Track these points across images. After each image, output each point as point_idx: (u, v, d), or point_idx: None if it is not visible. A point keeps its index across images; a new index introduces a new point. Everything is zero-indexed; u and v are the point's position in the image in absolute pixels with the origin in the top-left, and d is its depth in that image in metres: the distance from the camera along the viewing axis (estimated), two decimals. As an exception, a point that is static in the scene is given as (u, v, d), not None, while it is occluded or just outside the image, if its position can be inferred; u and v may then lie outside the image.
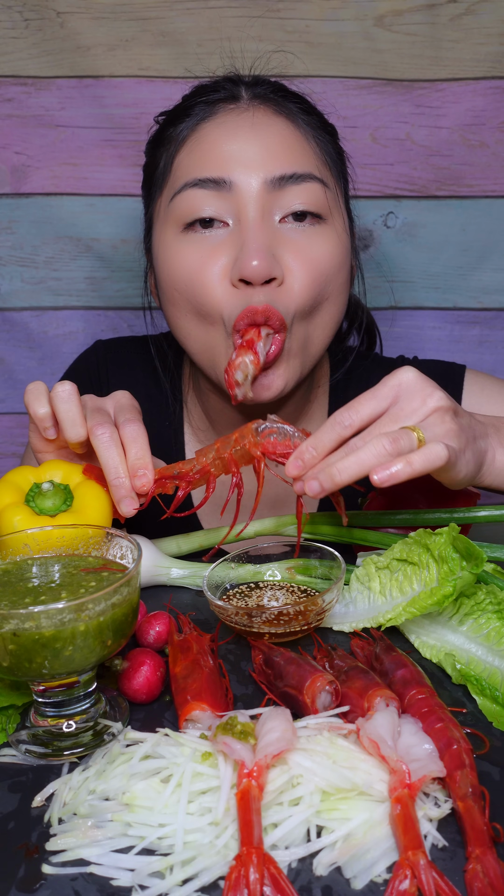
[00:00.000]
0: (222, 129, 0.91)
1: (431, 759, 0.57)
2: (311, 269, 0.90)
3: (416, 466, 0.69)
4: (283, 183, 0.89)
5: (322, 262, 0.91)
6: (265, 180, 0.89)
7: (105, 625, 0.61)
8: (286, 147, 0.91)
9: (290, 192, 0.90)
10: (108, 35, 1.21)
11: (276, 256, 0.89)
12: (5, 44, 1.21)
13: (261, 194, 0.89)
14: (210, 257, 0.89)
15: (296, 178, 0.89)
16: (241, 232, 0.89)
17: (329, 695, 0.65)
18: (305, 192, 0.90)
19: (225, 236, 0.90)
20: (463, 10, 1.20)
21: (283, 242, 0.90)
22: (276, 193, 0.89)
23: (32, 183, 1.29)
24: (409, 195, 1.31)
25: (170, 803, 0.55)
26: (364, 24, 1.21)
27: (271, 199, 0.89)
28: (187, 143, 0.93)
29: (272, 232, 0.90)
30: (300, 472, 0.74)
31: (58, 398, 0.83)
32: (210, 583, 0.81)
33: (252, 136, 0.90)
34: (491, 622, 0.73)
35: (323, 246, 0.92)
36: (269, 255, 0.87)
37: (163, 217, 0.95)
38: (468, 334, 1.39)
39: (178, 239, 0.92)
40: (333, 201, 0.94)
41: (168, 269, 0.93)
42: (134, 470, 0.81)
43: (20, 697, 0.69)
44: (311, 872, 0.52)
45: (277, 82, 0.99)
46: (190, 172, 0.91)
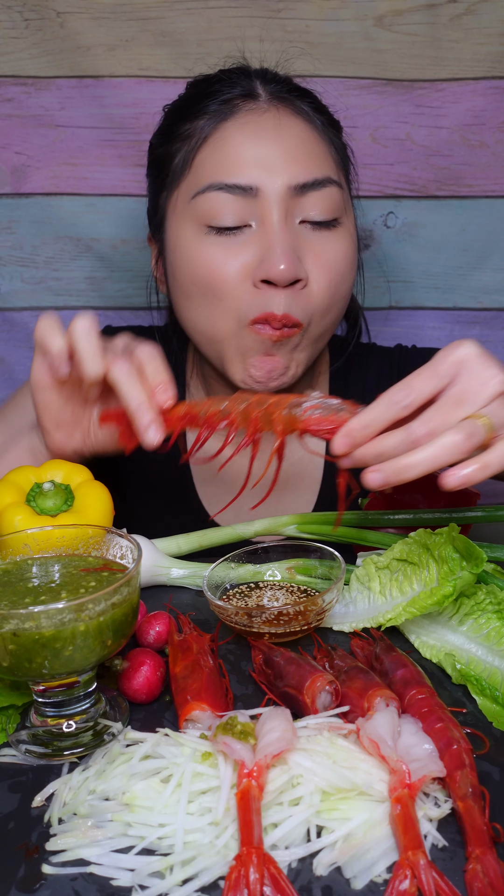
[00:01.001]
0: (246, 131, 0.92)
1: (431, 759, 0.57)
2: (329, 272, 0.93)
3: (492, 468, 0.64)
4: (306, 189, 0.91)
5: (339, 264, 0.94)
6: (289, 186, 0.90)
7: (105, 625, 0.61)
8: (307, 151, 0.92)
9: (312, 198, 0.92)
10: (108, 35, 1.21)
11: (300, 257, 0.91)
12: (5, 44, 1.21)
13: (284, 199, 0.91)
14: (231, 257, 0.91)
15: (317, 185, 0.92)
16: (266, 234, 0.90)
17: (329, 695, 0.65)
18: (325, 196, 0.92)
19: (248, 236, 0.92)
20: (463, 10, 1.20)
21: (304, 245, 0.92)
22: (298, 198, 0.91)
23: (32, 183, 1.28)
24: (409, 195, 1.31)
25: (170, 803, 0.55)
26: (364, 24, 1.21)
27: (293, 203, 0.92)
28: (209, 141, 0.93)
29: (295, 234, 0.92)
30: (348, 450, 0.69)
31: (77, 332, 0.78)
32: (210, 583, 0.81)
33: (276, 139, 0.92)
34: (491, 622, 0.73)
35: (339, 248, 0.94)
36: (294, 258, 0.89)
37: (181, 211, 0.95)
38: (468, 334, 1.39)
39: (200, 237, 0.93)
40: (347, 201, 0.97)
41: (187, 265, 0.94)
42: (153, 386, 0.76)
43: (20, 697, 0.69)
44: (311, 872, 0.52)
45: (287, 77, 1.00)
46: (214, 174, 0.92)
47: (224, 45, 1.20)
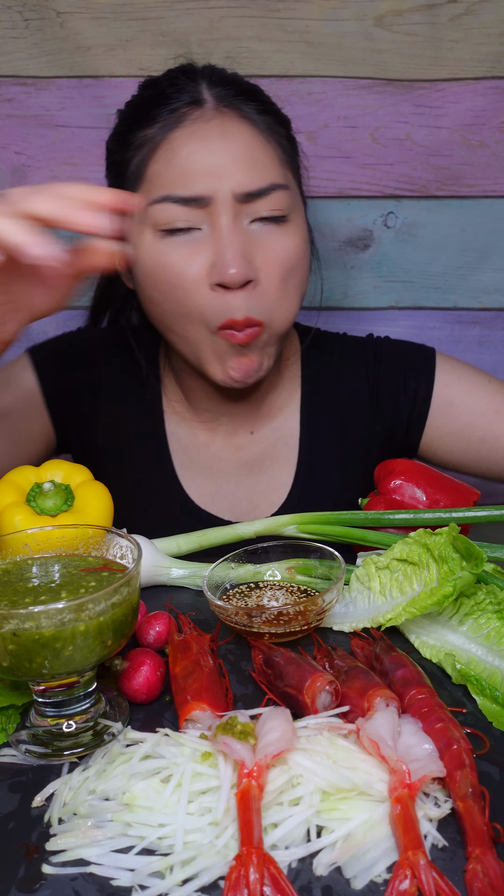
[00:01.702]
0: (194, 140, 0.95)
1: (431, 759, 0.57)
2: (281, 268, 0.97)
3: None
4: (252, 197, 0.94)
5: (290, 259, 0.98)
6: (235, 194, 0.94)
7: (105, 625, 0.61)
8: (252, 158, 0.95)
9: (258, 203, 0.95)
10: (108, 35, 1.21)
11: (249, 258, 0.95)
12: (5, 44, 1.21)
13: (233, 204, 0.94)
14: (189, 261, 0.95)
15: (262, 193, 0.95)
16: (217, 238, 0.94)
17: (329, 695, 0.65)
18: (272, 200, 0.96)
19: (202, 239, 0.95)
20: (463, 10, 1.20)
21: (254, 244, 0.96)
22: (245, 204, 0.95)
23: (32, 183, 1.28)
24: (409, 195, 1.31)
25: (170, 803, 0.56)
26: (364, 24, 1.21)
27: (241, 208, 0.95)
28: (159, 151, 0.96)
29: (245, 236, 0.95)
30: None
31: None
32: (210, 583, 0.81)
33: (222, 147, 0.94)
34: (491, 622, 0.73)
35: (288, 243, 0.98)
36: (244, 261, 0.93)
37: (139, 217, 0.98)
38: (468, 334, 1.39)
39: (157, 243, 0.96)
40: (295, 198, 1.00)
41: (148, 271, 0.98)
42: None
43: (20, 697, 0.69)
44: (311, 872, 0.52)
45: (233, 77, 1.01)
46: (166, 186, 0.95)
47: (224, 45, 1.20)
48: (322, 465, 1.13)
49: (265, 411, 1.14)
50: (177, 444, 1.16)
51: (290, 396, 1.16)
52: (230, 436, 1.14)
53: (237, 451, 1.15)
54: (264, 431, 1.15)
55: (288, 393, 1.16)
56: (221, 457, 1.15)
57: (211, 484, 1.14)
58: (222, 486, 1.14)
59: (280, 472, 1.14)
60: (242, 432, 1.15)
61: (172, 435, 1.16)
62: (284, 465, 1.14)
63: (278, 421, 1.15)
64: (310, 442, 1.14)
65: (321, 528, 0.89)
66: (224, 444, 1.15)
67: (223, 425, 1.14)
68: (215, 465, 1.15)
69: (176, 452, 1.15)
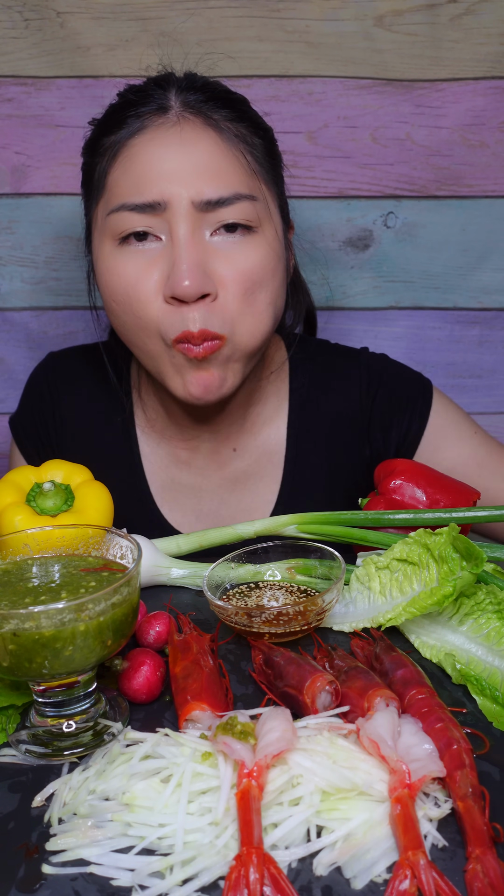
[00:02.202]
0: (152, 146, 0.92)
1: (431, 759, 0.57)
2: (243, 280, 0.93)
3: None
4: (212, 206, 0.91)
5: (254, 272, 0.93)
6: (194, 201, 0.90)
7: (105, 625, 0.61)
8: (214, 166, 0.91)
9: (220, 213, 0.92)
10: (108, 35, 1.21)
11: (209, 271, 0.91)
12: (5, 44, 1.21)
13: (190, 213, 0.91)
14: (145, 272, 0.92)
15: (223, 202, 0.91)
16: (173, 249, 0.91)
17: (329, 695, 0.65)
18: (233, 211, 0.92)
19: (160, 250, 0.92)
20: (463, 10, 1.20)
21: (214, 255, 0.92)
22: (206, 213, 0.91)
23: (32, 183, 1.28)
24: (409, 195, 1.31)
25: (170, 803, 0.56)
26: (364, 24, 1.21)
27: (201, 217, 0.91)
28: (120, 157, 0.94)
29: (203, 247, 0.92)
30: None
31: None
32: (210, 583, 0.81)
33: (181, 153, 0.91)
34: (491, 622, 0.73)
35: (253, 255, 0.93)
36: (199, 273, 0.89)
37: (100, 228, 0.97)
38: (468, 334, 1.39)
39: (115, 253, 0.94)
40: (263, 211, 0.95)
41: (106, 281, 0.96)
42: None
43: (20, 697, 0.69)
44: (311, 872, 0.52)
45: (210, 83, 0.99)
46: (125, 194, 0.92)
47: (224, 45, 1.20)
48: (307, 484, 1.11)
49: (248, 426, 1.12)
50: (156, 465, 1.13)
51: (275, 410, 1.13)
52: (212, 453, 1.12)
53: (220, 468, 1.12)
54: (248, 448, 1.12)
55: (273, 406, 1.13)
56: (204, 475, 1.12)
57: (194, 503, 1.12)
58: (205, 506, 1.12)
59: (264, 489, 1.12)
60: (225, 450, 1.12)
61: (151, 456, 1.13)
62: (269, 482, 1.12)
63: (263, 436, 1.13)
64: (295, 459, 1.12)
65: (321, 528, 0.89)
66: (206, 461, 1.12)
67: (205, 442, 1.11)
68: (197, 483, 1.12)
69: (154, 475, 1.13)
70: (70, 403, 1.16)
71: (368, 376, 1.14)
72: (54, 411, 1.17)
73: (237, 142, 0.94)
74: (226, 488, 1.12)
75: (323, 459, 1.11)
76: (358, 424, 1.13)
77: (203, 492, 1.12)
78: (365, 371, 1.14)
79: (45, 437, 1.17)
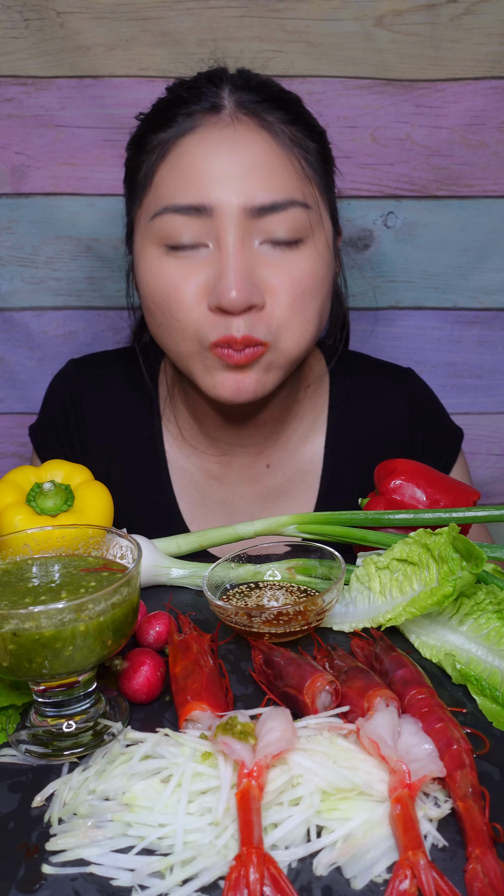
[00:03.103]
0: (203, 147, 0.89)
1: (431, 759, 0.57)
2: (292, 291, 0.90)
3: None
4: (264, 211, 0.88)
5: (304, 282, 0.91)
6: (245, 207, 0.87)
7: (105, 625, 0.61)
8: (268, 170, 0.88)
9: (271, 220, 0.88)
10: (108, 35, 1.21)
11: (257, 280, 0.88)
12: (5, 44, 1.21)
13: (241, 220, 0.87)
14: (188, 277, 0.89)
15: (276, 207, 0.88)
16: (220, 257, 0.88)
17: (329, 695, 0.65)
18: (286, 219, 0.88)
19: (205, 257, 0.89)
20: (463, 10, 1.20)
21: (263, 264, 0.89)
22: (257, 220, 0.88)
23: (32, 183, 1.28)
24: (409, 195, 1.31)
25: (170, 803, 0.55)
26: (364, 24, 1.21)
27: (251, 224, 0.88)
28: (168, 157, 0.91)
29: (252, 256, 0.89)
30: None
31: None
32: (210, 583, 0.81)
33: (233, 156, 0.88)
34: (491, 622, 0.73)
35: (304, 265, 0.91)
36: (247, 284, 0.87)
37: (143, 230, 0.94)
38: (468, 334, 1.39)
39: (159, 257, 0.92)
40: (315, 219, 0.92)
41: (147, 283, 0.94)
42: None
43: (20, 697, 0.69)
44: (311, 872, 0.52)
45: (265, 81, 0.96)
46: (170, 195, 0.89)
47: (224, 45, 1.20)
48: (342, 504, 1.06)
49: (283, 442, 1.09)
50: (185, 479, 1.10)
51: (311, 426, 1.11)
52: (245, 469, 1.09)
53: (251, 484, 1.09)
54: (282, 464, 1.09)
55: (309, 422, 1.10)
56: (235, 490, 1.09)
57: (224, 519, 1.09)
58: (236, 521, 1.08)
59: (295, 507, 1.09)
60: (259, 465, 1.09)
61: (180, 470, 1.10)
62: (301, 500, 1.10)
63: (298, 453, 1.10)
64: (331, 478, 1.09)
65: (321, 528, 0.89)
66: (239, 477, 1.09)
67: (238, 457, 1.08)
68: (228, 498, 1.10)
69: (184, 489, 1.10)
70: (95, 414, 1.12)
71: (415, 403, 1.12)
72: (78, 422, 1.13)
73: (291, 146, 0.91)
74: (257, 505, 1.10)
75: (356, 480, 1.09)
76: (397, 447, 1.11)
77: (234, 508, 1.10)
78: (411, 394, 1.13)
79: (69, 448, 1.14)
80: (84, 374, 1.15)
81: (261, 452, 1.09)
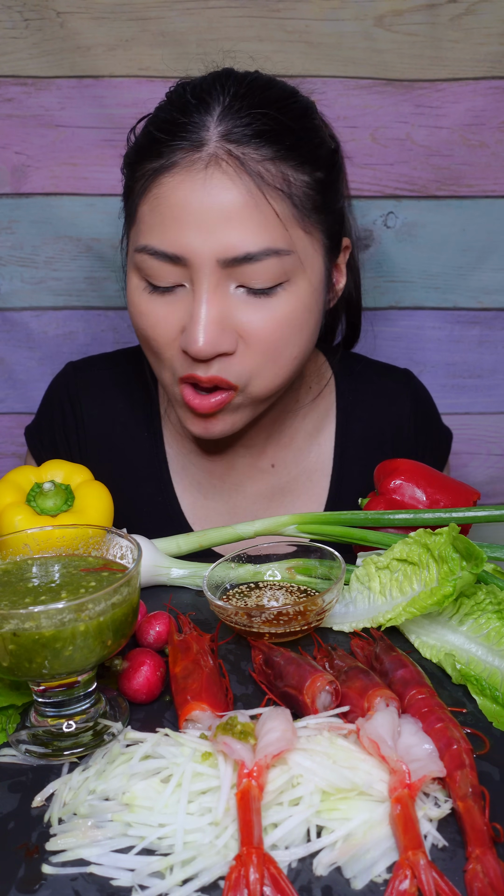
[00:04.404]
0: (180, 191, 0.85)
1: (431, 759, 0.57)
2: (266, 338, 0.88)
3: None
4: (238, 262, 0.85)
5: (280, 328, 0.88)
6: (219, 259, 0.84)
7: (105, 625, 0.61)
8: (243, 219, 0.84)
9: (246, 270, 0.85)
10: (108, 35, 1.21)
11: (232, 325, 0.87)
12: (5, 44, 1.21)
13: (214, 270, 0.85)
14: (168, 317, 0.89)
15: (251, 258, 0.84)
16: (193, 302, 0.86)
17: (329, 695, 0.65)
18: (262, 268, 0.85)
19: (184, 296, 0.89)
20: (463, 10, 1.20)
21: (238, 309, 0.87)
22: (232, 269, 0.86)
23: (32, 183, 1.28)
24: (409, 195, 1.31)
25: (170, 803, 0.56)
26: (364, 24, 1.21)
27: (226, 272, 0.86)
28: (149, 194, 0.88)
29: (226, 301, 0.87)
30: None
31: None
32: (210, 583, 0.81)
33: (208, 202, 0.84)
34: (491, 622, 0.73)
35: (280, 311, 0.88)
36: (217, 333, 0.85)
37: (131, 255, 0.93)
38: (468, 334, 1.39)
39: (140, 291, 0.91)
40: (296, 263, 0.88)
41: (131, 314, 0.94)
42: None
43: (20, 697, 0.69)
44: (311, 872, 0.52)
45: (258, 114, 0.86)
46: (148, 237, 0.88)
47: (224, 45, 1.20)
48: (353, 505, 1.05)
49: (286, 441, 1.09)
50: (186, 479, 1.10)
51: (317, 426, 1.11)
52: (249, 468, 1.09)
53: (255, 484, 1.10)
54: (287, 463, 1.10)
55: (315, 422, 1.11)
56: (238, 489, 1.10)
57: (227, 518, 1.09)
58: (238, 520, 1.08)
59: (301, 506, 1.10)
60: (262, 464, 1.09)
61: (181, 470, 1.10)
62: (308, 500, 1.10)
63: (304, 452, 1.10)
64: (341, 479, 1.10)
65: (321, 528, 0.89)
66: (242, 477, 1.09)
67: (241, 458, 1.08)
68: (232, 497, 1.10)
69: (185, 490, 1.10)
70: (94, 415, 1.12)
71: (417, 405, 1.15)
72: (77, 425, 1.13)
73: (275, 189, 0.86)
74: (261, 504, 1.10)
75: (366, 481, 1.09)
76: (404, 449, 1.13)
77: (237, 507, 1.10)
78: (415, 397, 1.15)
79: (65, 450, 1.13)
80: (83, 376, 1.15)
81: (263, 452, 1.09)
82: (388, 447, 1.12)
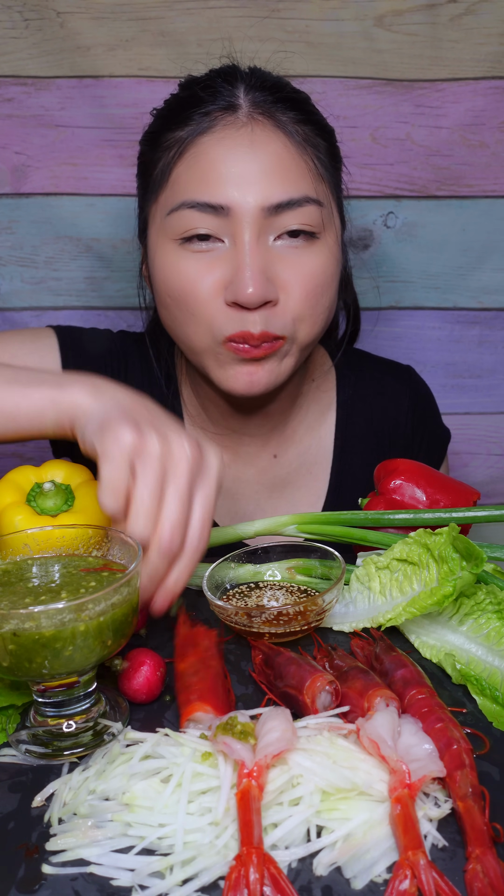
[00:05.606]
0: (221, 147, 0.91)
1: (431, 759, 0.57)
2: (305, 286, 0.93)
3: None
4: (280, 209, 0.90)
5: (316, 277, 0.94)
6: (262, 206, 0.90)
7: (105, 625, 0.61)
8: (284, 169, 0.91)
9: (286, 216, 0.91)
10: (108, 35, 1.21)
11: (271, 276, 0.91)
12: (5, 44, 1.21)
13: (257, 219, 0.90)
14: (205, 273, 0.92)
15: (292, 204, 0.91)
16: (237, 254, 0.90)
17: (329, 695, 0.65)
18: (300, 215, 0.91)
19: (222, 252, 0.92)
20: (463, 10, 1.20)
21: (277, 261, 0.92)
22: (272, 218, 0.91)
23: (32, 183, 1.28)
24: (409, 195, 1.31)
25: (170, 803, 0.55)
26: (364, 24, 1.21)
27: (267, 223, 0.91)
28: (186, 155, 0.93)
29: (266, 253, 0.91)
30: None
31: None
32: (210, 583, 0.81)
33: (251, 156, 0.91)
34: (491, 622, 0.73)
35: (316, 261, 0.94)
36: (263, 280, 0.89)
37: (158, 225, 0.96)
38: (468, 334, 1.39)
39: (175, 251, 0.94)
40: (327, 216, 0.95)
41: (163, 277, 0.95)
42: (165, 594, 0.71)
43: (20, 697, 0.69)
44: (311, 872, 0.52)
45: (278, 82, 0.98)
46: (188, 192, 0.91)
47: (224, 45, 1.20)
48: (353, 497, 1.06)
49: (289, 433, 1.11)
50: None
51: (318, 419, 1.13)
52: (252, 458, 1.11)
53: (258, 473, 1.11)
54: (289, 455, 1.12)
55: (316, 415, 1.13)
56: (241, 479, 1.11)
57: (230, 505, 1.11)
58: (241, 508, 1.11)
59: (301, 498, 1.11)
60: (265, 454, 1.11)
61: None
62: (307, 492, 1.11)
63: (304, 444, 1.12)
64: (340, 471, 1.11)
65: (321, 528, 0.89)
66: (245, 466, 1.11)
67: (245, 446, 1.10)
68: (234, 486, 1.11)
69: None
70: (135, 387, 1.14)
71: (417, 403, 1.16)
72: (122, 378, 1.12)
73: (304, 145, 0.94)
74: (263, 493, 1.11)
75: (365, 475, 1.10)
76: (402, 445, 1.14)
77: (239, 495, 1.11)
78: (414, 394, 1.16)
79: None
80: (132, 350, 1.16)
81: (267, 442, 1.11)
82: (386, 442, 1.14)
